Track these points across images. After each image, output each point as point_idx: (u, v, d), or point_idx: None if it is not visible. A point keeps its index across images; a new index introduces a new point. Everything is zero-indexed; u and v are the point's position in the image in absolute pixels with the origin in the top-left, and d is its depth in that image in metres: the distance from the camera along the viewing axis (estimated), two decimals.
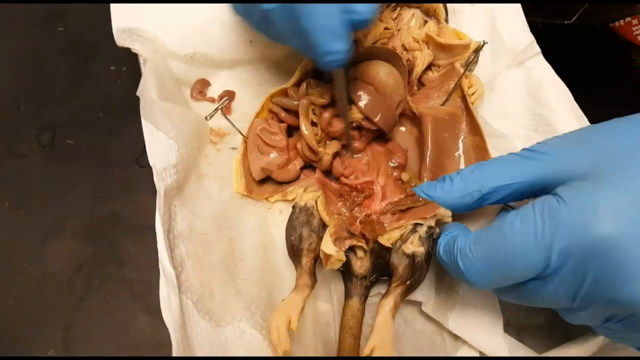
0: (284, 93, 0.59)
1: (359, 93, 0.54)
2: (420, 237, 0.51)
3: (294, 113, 0.57)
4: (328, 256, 0.48)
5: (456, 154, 0.59)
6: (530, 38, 0.61)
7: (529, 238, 0.39)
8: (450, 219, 0.51)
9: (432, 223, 0.51)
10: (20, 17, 0.77)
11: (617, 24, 0.74)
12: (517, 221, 0.40)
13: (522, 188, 0.44)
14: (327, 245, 0.48)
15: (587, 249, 0.36)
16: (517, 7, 0.63)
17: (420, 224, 0.51)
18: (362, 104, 0.54)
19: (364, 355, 0.47)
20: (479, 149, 0.58)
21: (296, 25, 0.43)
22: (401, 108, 0.57)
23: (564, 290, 0.39)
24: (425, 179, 0.56)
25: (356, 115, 0.55)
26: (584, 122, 0.57)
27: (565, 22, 0.68)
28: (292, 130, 0.60)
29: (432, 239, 0.52)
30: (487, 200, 0.47)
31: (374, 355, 0.47)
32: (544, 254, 0.38)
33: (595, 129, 0.43)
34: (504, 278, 0.42)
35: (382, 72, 0.54)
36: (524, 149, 0.45)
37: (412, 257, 0.51)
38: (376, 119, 0.55)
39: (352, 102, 0.54)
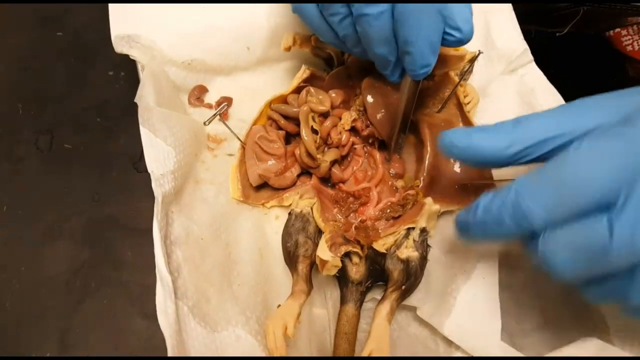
0: (282, 100, 0.59)
1: (372, 104, 0.56)
2: (414, 241, 0.52)
3: (293, 120, 0.58)
4: (324, 262, 0.48)
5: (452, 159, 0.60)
6: (523, 46, 0.62)
7: (598, 159, 0.35)
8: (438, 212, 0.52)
9: (423, 224, 0.52)
10: (19, 21, 0.78)
11: (607, 34, 0.74)
12: (585, 147, 0.36)
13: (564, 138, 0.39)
14: (323, 251, 0.49)
15: None
16: (511, 15, 0.63)
17: (413, 228, 0.52)
18: (377, 117, 0.56)
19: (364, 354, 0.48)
20: None
21: (400, 34, 0.43)
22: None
23: None
24: (423, 181, 0.56)
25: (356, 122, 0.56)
26: None
27: (557, 34, 0.68)
28: (290, 137, 0.60)
29: (425, 243, 0.53)
30: (532, 155, 0.41)
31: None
32: (616, 174, 0.34)
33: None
34: (570, 209, 0.36)
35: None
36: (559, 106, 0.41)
37: (406, 262, 0.51)
38: (384, 135, 0.57)
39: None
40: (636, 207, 0.33)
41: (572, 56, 0.70)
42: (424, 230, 0.53)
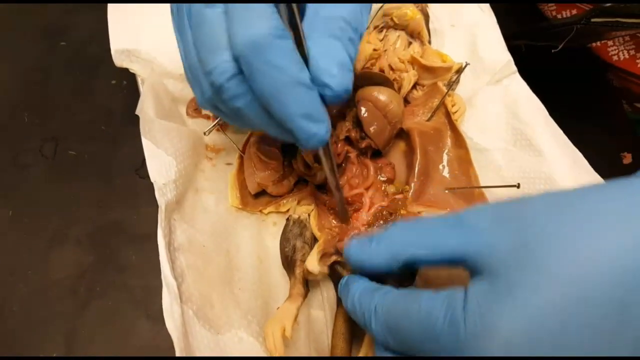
0: None
1: (367, 117, 0.57)
2: None
3: None
4: (309, 273, 0.51)
5: (440, 165, 0.62)
6: (507, 57, 0.64)
7: (427, 331, 0.38)
8: None
9: None
10: (24, 33, 0.80)
11: (593, 44, 0.77)
12: (424, 310, 0.38)
13: (444, 259, 0.40)
14: (311, 263, 0.51)
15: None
16: (495, 27, 0.66)
17: None
18: (371, 129, 0.57)
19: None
20: (463, 161, 0.61)
21: (270, 118, 0.42)
22: (397, 129, 0.60)
23: None
24: (413, 186, 0.58)
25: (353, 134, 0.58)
26: (559, 135, 0.60)
27: (552, 50, 0.70)
28: (286, 147, 0.62)
29: None
30: (413, 266, 0.43)
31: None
32: (438, 351, 0.37)
33: (530, 203, 0.38)
34: (403, 349, 0.41)
35: (394, 102, 0.57)
36: (452, 216, 0.41)
37: None
38: (380, 145, 0.59)
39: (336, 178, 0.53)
40: None
41: (557, 65, 0.72)
42: None
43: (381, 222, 0.56)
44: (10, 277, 0.64)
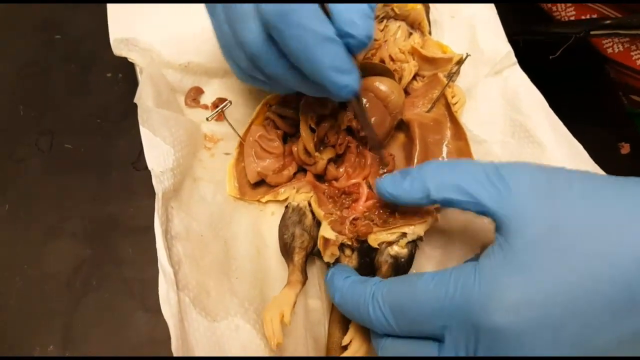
0: (278, 98, 0.61)
1: (368, 107, 0.57)
2: (406, 242, 0.54)
3: (289, 120, 0.60)
4: (328, 242, 0.52)
5: (440, 157, 0.61)
6: (507, 48, 0.64)
7: (439, 302, 0.40)
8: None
9: (421, 233, 0.53)
10: (20, 26, 0.80)
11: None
12: (433, 283, 0.41)
13: (475, 208, 0.43)
14: (327, 231, 0.52)
15: (481, 330, 0.37)
16: (495, 18, 0.66)
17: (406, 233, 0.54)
18: (372, 120, 0.57)
19: (342, 345, 0.50)
20: (463, 153, 0.61)
21: (304, 78, 0.44)
22: (397, 120, 0.60)
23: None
24: None
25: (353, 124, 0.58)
26: (559, 126, 0.59)
27: (550, 57, 0.70)
28: (287, 136, 0.62)
29: (415, 243, 0.55)
30: (446, 204, 0.46)
31: (352, 345, 0.49)
32: (447, 321, 0.40)
33: (571, 186, 0.40)
34: (408, 331, 0.43)
35: (395, 93, 0.57)
36: (491, 168, 0.43)
37: (395, 257, 0.53)
38: (381, 136, 0.59)
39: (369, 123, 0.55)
40: (453, 345, 0.39)
41: (556, 60, 0.72)
42: (419, 238, 0.55)
43: (378, 212, 0.56)
44: (7, 270, 0.63)
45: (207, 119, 0.58)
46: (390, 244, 0.53)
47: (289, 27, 0.40)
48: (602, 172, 0.55)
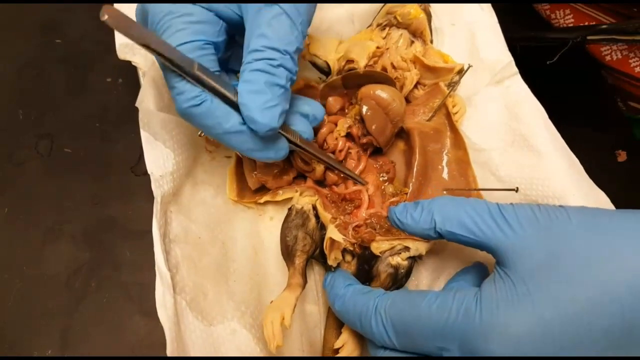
0: None
1: (369, 115, 0.57)
2: (408, 256, 0.54)
3: None
4: (334, 244, 0.52)
5: (439, 166, 0.61)
6: (508, 58, 0.64)
7: (440, 324, 0.41)
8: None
9: (423, 252, 0.54)
10: (20, 30, 0.80)
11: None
12: (435, 305, 0.42)
13: (478, 244, 0.45)
14: (335, 233, 0.52)
15: (479, 355, 0.39)
16: (496, 27, 0.66)
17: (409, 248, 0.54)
18: (373, 127, 0.57)
19: (334, 348, 0.50)
20: (462, 162, 0.61)
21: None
22: (398, 127, 0.60)
23: None
24: (412, 186, 0.58)
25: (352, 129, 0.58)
26: (557, 138, 0.59)
27: (548, 62, 0.71)
28: None
29: (414, 259, 0.55)
30: (451, 238, 0.47)
31: (345, 348, 0.50)
32: (446, 344, 0.41)
33: (571, 227, 0.40)
34: (407, 347, 0.44)
35: (397, 101, 0.57)
36: (495, 208, 0.45)
37: (396, 268, 0.53)
38: (382, 143, 0.59)
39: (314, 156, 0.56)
40: None
41: (553, 63, 0.72)
42: (419, 256, 0.55)
43: (380, 220, 0.57)
44: (6, 273, 0.64)
45: (199, 135, 0.58)
46: (392, 254, 0.54)
47: (198, 125, 0.47)
48: (594, 185, 0.56)
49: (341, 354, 0.50)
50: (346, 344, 0.50)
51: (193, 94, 0.44)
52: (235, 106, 0.46)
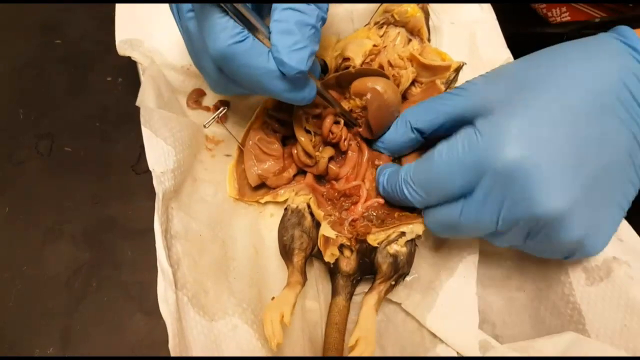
0: (274, 102, 0.61)
1: (367, 104, 0.57)
2: (405, 240, 0.54)
3: (287, 123, 0.60)
4: (328, 241, 0.53)
5: None
6: (507, 54, 0.64)
7: (453, 163, 0.46)
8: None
9: (420, 232, 0.54)
10: (19, 30, 0.80)
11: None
12: (445, 150, 0.47)
13: (448, 121, 0.51)
14: (327, 230, 0.53)
15: (499, 172, 0.42)
16: (495, 25, 0.66)
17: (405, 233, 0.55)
18: (369, 116, 0.57)
19: (349, 345, 0.50)
20: None
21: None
22: (394, 117, 0.60)
23: (487, 212, 0.45)
24: None
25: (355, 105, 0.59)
26: None
27: None
28: (286, 139, 0.63)
29: (414, 242, 0.55)
30: (426, 134, 0.55)
31: (358, 346, 0.49)
32: (466, 176, 0.45)
33: (512, 65, 0.49)
34: (438, 198, 0.49)
35: (389, 91, 0.57)
36: (455, 88, 0.51)
37: (395, 256, 0.54)
38: (377, 134, 0.59)
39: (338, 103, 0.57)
40: (480, 197, 0.45)
41: None
42: (418, 237, 0.55)
43: (376, 212, 0.57)
44: (6, 272, 0.64)
45: (204, 126, 0.59)
46: (389, 242, 0.54)
47: (233, 68, 0.46)
48: None
49: (355, 351, 0.49)
50: (359, 340, 0.50)
51: (237, 30, 0.44)
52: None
